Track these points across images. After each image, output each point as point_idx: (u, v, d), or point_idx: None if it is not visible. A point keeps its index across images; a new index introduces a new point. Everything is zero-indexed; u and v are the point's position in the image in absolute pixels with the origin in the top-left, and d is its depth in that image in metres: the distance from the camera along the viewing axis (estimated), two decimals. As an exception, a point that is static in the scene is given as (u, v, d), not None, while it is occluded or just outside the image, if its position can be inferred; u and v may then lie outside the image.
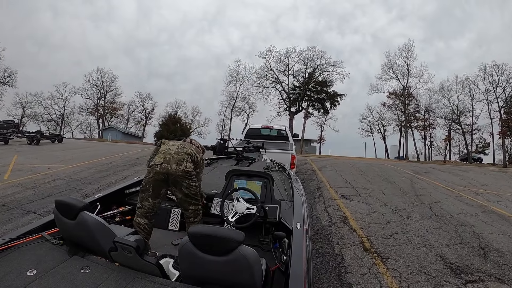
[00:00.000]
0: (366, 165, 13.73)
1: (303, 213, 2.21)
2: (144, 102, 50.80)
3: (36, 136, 17.15)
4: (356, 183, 8.49)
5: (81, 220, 1.49)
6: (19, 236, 1.61)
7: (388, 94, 39.05)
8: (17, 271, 1.31)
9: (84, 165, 9.56)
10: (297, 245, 1.63)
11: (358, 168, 12.25)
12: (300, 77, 37.14)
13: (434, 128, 41.55)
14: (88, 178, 7.50)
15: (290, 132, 8.41)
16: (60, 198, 1.63)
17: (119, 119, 51.49)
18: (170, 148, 2.40)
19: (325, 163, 14.01)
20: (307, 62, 36.14)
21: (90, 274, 1.30)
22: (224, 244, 1.22)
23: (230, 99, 41.02)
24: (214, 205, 2.47)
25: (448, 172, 13.50)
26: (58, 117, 47.67)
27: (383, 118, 45.59)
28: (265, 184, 2.49)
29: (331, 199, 6.51)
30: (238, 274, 1.24)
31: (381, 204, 6.23)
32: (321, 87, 36.15)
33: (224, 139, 4.39)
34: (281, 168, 3.70)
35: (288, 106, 36.54)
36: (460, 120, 36.28)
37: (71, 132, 50.10)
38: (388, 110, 42.63)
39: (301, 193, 2.76)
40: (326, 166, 12.35)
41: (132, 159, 11.77)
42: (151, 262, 1.39)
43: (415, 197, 7.12)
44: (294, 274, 1.35)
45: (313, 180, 8.96)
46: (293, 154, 6.65)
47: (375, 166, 13.88)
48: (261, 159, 4.50)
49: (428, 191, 8.09)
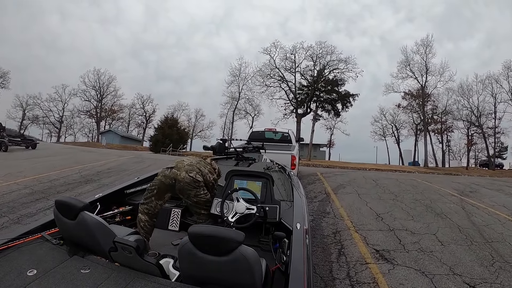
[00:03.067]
0: (393, 182, 10.86)
1: (303, 213, 2.20)
2: (144, 104, 50.34)
3: (2, 142, 14.86)
4: (392, 220, 5.70)
5: (81, 220, 1.51)
6: (19, 236, 1.63)
7: (403, 94, 35.94)
8: (17, 271, 1.32)
9: (27, 181, 7.74)
10: (297, 245, 1.63)
11: (385, 187, 9.42)
12: (308, 75, 33.59)
13: (452, 131, 38.47)
14: (9, 203, 5.68)
15: (294, 135, 8.11)
16: (60, 198, 1.64)
17: (120, 122, 51.49)
18: (184, 160, 2.48)
19: (340, 179, 10.97)
20: (315, 59, 32.43)
21: (90, 274, 1.31)
22: (224, 244, 1.23)
23: (232, 101, 38.60)
24: (214, 206, 2.46)
25: (497, 190, 10.54)
26: (57, 120, 46.79)
27: (397, 121, 42.57)
28: (265, 184, 2.50)
29: (359, 262, 3.76)
30: (238, 274, 1.25)
31: (445, 271, 3.55)
32: (331, 87, 32.65)
33: (224, 139, 4.32)
34: (281, 169, 3.73)
35: (295, 108, 33.10)
36: (481, 123, 33.00)
37: (73, 135, 50.04)
38: (403, 112, 39.56)
39: (301, 193, 2.76)
40: (344, 186, 9.53)
41: (91, 173, 9.31)
42: (151, 262, 1.39)
43: (486, 245, 4.47)
44: (294, 274, 1.35)
45: (327, 214, 6.15)
46: (293, 155, 6.61)
47: (405, 182, 10.96)
48: (261, 159, 4.53)
49: (496, 228, 5.41)
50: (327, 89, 32.96)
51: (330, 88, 32.77)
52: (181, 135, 32.73)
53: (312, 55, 32.56)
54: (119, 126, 51.41)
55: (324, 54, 32.11)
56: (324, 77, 32.76)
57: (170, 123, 32.44)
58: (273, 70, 33.52)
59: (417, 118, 39.41)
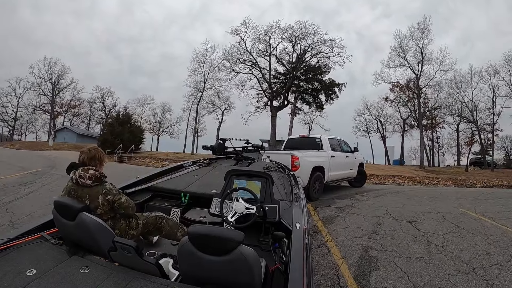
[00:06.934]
0: (414, 211, 5.85)
1: (302, 213, 2.19)
2: (104, 98, 44.69)
3: None
4: None
5: (80, 221, 1.51)
6: (18, 236, 1.63)
7: (391, 86, 31.41)
8: (17, 271, 1.31)
9: None
10: (296, 245, 1.62)
11: (403, 218, 5.31)
12: (285, 61, 27.36)
13: (443, 127, 34.84)
14: None
15: (328, 140, 8.08)
16: (59, 199, 1.66)
17: (81, 119, 46.80)
18: None
19: (343, 222, 5.29)
20: (295, 42, 26.17)
21: (89, 274, 1.31)
22: (224, 244, 1.23)
23: (197, 92, 31.99)
24: (214, 205, 2.44)
25: None
26: (11, 117, 42.16)
27: (382, 115, 38.24)
28: (265, 184, 2.47)
29: None
30: (237, 274, 1.25)
31: None
32: (313, 74, 26.71)
33: (224, 139, 4.26)
34: (281, 168, 3.70)
35: (270, 100, 27.03)
36: (476, 118, 29.53)
37: (35, 132, 46.02)
38: (390, 106, 35.17)
39: (301, 193, 2.73)
40: (342, 216, 4.78)
41: None
42: (150, 262, 1.39)
43: None
44: (293, 274, 1.34)
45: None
46: (293, 155, 6.40)
47: (458, 219, 5.55)
48: (261, 159, 4.49)
49: None
50: (308, 77, 27.17)
51: (312, 76, 26.98)
52: (134, 133, 26.55)
53: (290, 37, 26.43)
54: (80, 122, 46.66)
55: (305, 35, 25.69)
56: (304, 63, 26.82)
57: (122, 120, 27.28)
58: (243, 54, 27.14)
59: (404, 112, 35.26)
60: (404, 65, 27.72)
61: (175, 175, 3.56)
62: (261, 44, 26.80)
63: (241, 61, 27.17)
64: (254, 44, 26.88)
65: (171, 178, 3.41)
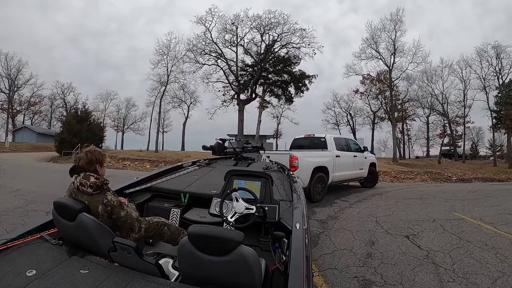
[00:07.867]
0: (407, 220, 5.40)
1: (302, 213, 2.16)
2: (65, 94, 42.39)
3: None
4: None
5: (80, 222, 1.50)
6: (18, 236, 1.62)
7: (362, 79, 30.91)
8: (17, 271, 1.30)
9: None
10: (296, 245, 1.60)
11: (398, 231, 4.59)
12: (253, 52, 26.09)
13: (414, 120, 35.08)
14: None
15: (333, 139, 7.83)
16: (59, 199, 1.64)
17: (42, 117, 43.99)
18: None
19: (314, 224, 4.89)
20: (263, 31, 24.89)
21: (89, 274, 1.30)
22: (224, 244, 1.22)
23: (160, 86, 29.67)
24: (214, 205, 2.43)
25: None
26: None
27: (352, 108, 37.90)
28: (264, 184, 2.46)
29: None
30: (237, 274, 1.24)
31: None
32: (282, 66, 25.61)
33: (223, 139, 4.25)
34: (281, 168, 3.67)
35: (237, 93, 25.71)
36: (446, 110, 29.88)
37: None
38: (360, 98, 34.78)
39: (301, 193, 2.70)
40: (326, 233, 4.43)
41: None
42: (150, 262, 1.39)
43: None
44: (293, 274, 1.32)
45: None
46: (292, 155, 6.25)
47: (422, 216, 5.68)
48: (260, 159, 4.49)
49: None
50: (277, 69, 25.89)
51: (281, 67, 25.71)
52: (93, 131, 25.31)
53: (259, 27, 24.93)
54: (41, 121, 43.94)
55: (275, 24, 24.46)
56: (273, 54, 25.53)
57: (81, 117, 25.53)
58: (208, 44, 25.32)
59: (375, 105, 35.04)
60: (376, 57, 26.88)
61: (175, 175, 3.53)
62: (227, 34, 25.36)
63: (206, 52, 25.63)
64: (220, 34, 25.48)
65: (170, 178, 3.39)
